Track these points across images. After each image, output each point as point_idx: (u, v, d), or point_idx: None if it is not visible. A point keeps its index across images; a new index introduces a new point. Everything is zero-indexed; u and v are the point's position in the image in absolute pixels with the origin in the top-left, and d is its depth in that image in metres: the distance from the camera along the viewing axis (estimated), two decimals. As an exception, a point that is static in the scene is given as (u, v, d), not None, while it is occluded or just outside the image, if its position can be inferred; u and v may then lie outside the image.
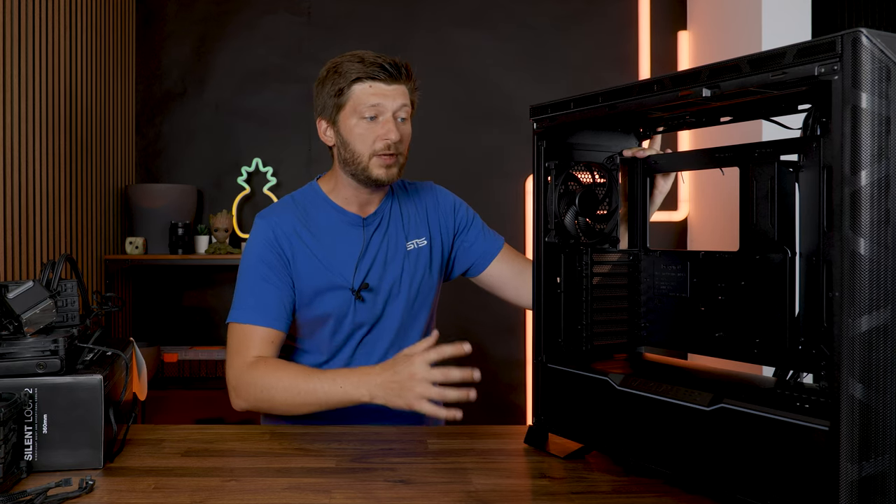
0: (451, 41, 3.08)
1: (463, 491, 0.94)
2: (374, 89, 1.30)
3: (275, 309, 1.31)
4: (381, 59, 1.31)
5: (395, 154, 1.32)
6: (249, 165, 2.99)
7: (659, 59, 3.11)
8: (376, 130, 1.31)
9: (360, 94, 1.31)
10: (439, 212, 1.48)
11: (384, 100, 1.30)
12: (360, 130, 1.31)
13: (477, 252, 1.50)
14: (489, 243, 1.50)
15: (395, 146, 1.31)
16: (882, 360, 0.70)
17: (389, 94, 1.31)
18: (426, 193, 1.50)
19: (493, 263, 1.49)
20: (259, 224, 1.37)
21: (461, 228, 1.50)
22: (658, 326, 1.13)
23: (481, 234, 1.51)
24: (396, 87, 1.31)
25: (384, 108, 1.31)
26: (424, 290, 1.44)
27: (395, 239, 1.42)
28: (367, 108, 1.30)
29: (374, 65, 1.30)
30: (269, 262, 1.33)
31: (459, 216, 1.50)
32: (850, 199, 0.70)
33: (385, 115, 1.31)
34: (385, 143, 1.30)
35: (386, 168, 1.32)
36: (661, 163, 1.16)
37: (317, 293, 1.36)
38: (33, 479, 0.95)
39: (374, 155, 1.31)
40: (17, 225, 2.03)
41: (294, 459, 1.07)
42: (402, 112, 1.33)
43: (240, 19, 3.05)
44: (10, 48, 1.98)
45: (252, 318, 1.30)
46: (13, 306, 1.00)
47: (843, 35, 0.70)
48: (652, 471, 0.96)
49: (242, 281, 1.35)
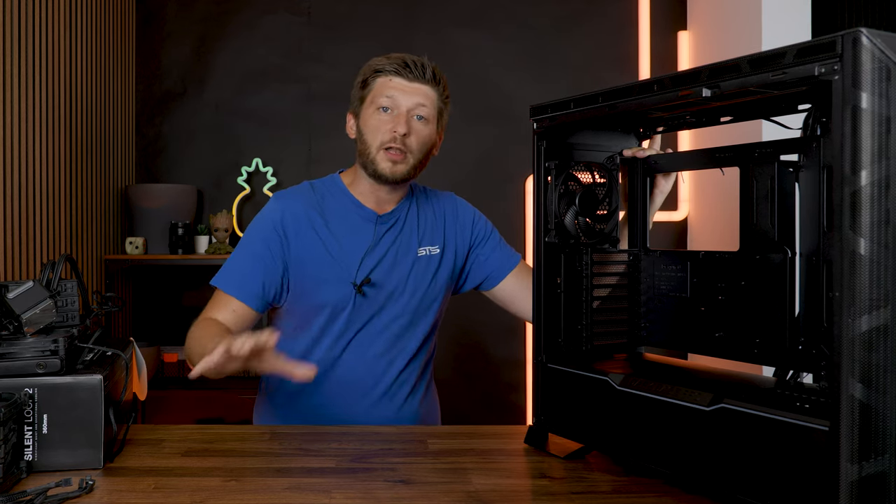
0: (452, 41, 3.08)
1: (463, 491, 0.94)
2: (392, 83, 1.33)
3: (255, 287, 1.34)
4: (408, 57, 1.34)
5: (404, 151, 1.32)
6: (249, 165, 2.99)
7: (659, 59, 3.11)
8: (388, 122, 1.32)
9: (379, 86, 1.34)
10: (457, 223, 1.48)
11: (400, 94, 1.32)
12: (373, 121, 1.34)
13: (492, 266, 1.49)
14: (505, 258, 1.49)
15: (403, 141, 1.31)
16: (882, 360, 0.70)
17: (408, 91, 1.33)
18: (446, 203, 1.50)
19: (506, 279, 1.48)
20: (272, 204, 1.39)
21: (477, 241, 1.49)
22: (658, 326, 1.13)
23: (498, 249, 1.50)
24: (418, 85, 1.33)
25: (399, 103, 1.32)
26: (428, 298, 1.42)
27: (408, 242, 1.41)
28: (384, 100, 1.33)
29: (398, 60, 1.33)
30: (268, 243, 1.35)
31: (477, 229, 1.49)
32: (850, 199, 0.70)
33: (399, 110, 1.32)
34: (392, 134, 1.31)
35: (392, 163, 1.33)
36: (661, 163, 1.16)
37: (318, 282, 1.35)
38: (33, 479, 0.95)
39: (382, 147, 1.32)
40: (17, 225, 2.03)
41: (294, 459, 1.07)
42: (419, 111, 1.33)
43: (240, 19, 3.05)
44: (10, 48, 1.98)
45: (231, 289, 1.34)
46: (13, 306, 1.00)
47: (843, 35, 0.70)
48: (652, 471, 0.96)
49: (238, 251, 1.38)
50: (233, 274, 1.35)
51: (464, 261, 1.49)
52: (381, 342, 1.40)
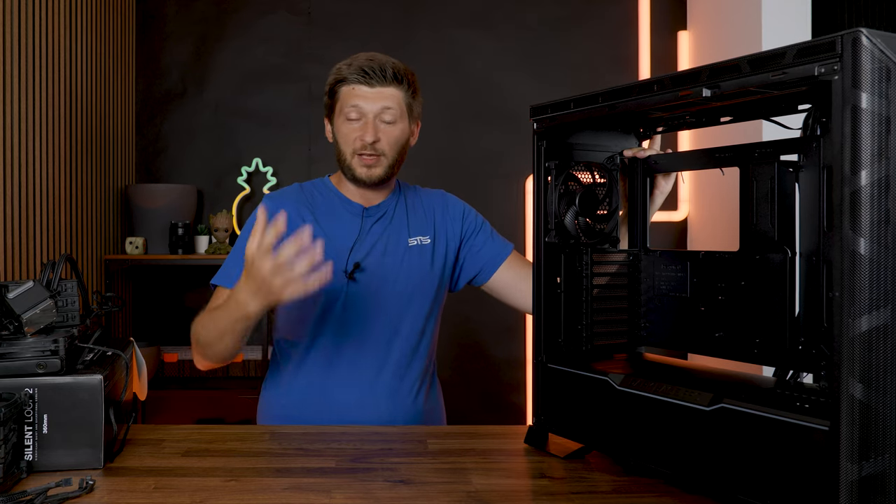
0: (452, 41, 3.08)
1: (463, 491, 0.94)
2: (356, 91, 1.36)
3: None
4: (372, 62, 1.35)
5: (377, 154, 1.36)
6: (249, 165, 2.99)
7: (659, 59, 3.11)
8: (356, 131, 1.36)
9: (344, 96, 1.37)
10: (447, 216, 1.50)
11: (364, 102, 1.35)
12: (344, 130, 1.38)
13: (485, 257, 1.49)
14: (497, 248, 1.50)
15: (373, 146, 1.35)
16: (882, 360, 0.70)
17: (370, 97, 1.35)
18: (436, 198, 1.52)
19: (500, 269, 1.49)
20: (264, 204, 1.41)
21: (468, 234, 1.50)
22: (658, 326, 1.13)
23: (490, 239, 1.51)
24: (380, 89, 1.35)
25: (364, 111, 1.36)
26: (424, 287, 1.43)
27: (398, 233, 1.44)
28: (349, 109, 1.36)
29: (357, 67, 1.35)
30: None
31: (468, 222, 1.51)
32: (850, 199, 0.70)
33: (366, 117, 1.35)
34: (361, 143, 1.35)
35: (367, 168, 1.37)
36: (661, 163, 1.16)
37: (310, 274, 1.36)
38: (33, 479, 0.95)
39: (355, 154, 1.37)
40: (17, 225, 2.03)
41: (294, 459, 1.07)
42: (385, 115, 1.36)
43: (240, 19, 3.05)
44: (10, 48, 1.98)
45: (228, 283, 1.37)
46: (13, 306, 1.00)
47: (843, 35, 0.70)
48: (652, 471, 0.96)
49: (234, 251, 1.40)
50: (231, 271, 1.38)
51: (456, 254, 1.50)
52: (378, 332, 1.40)
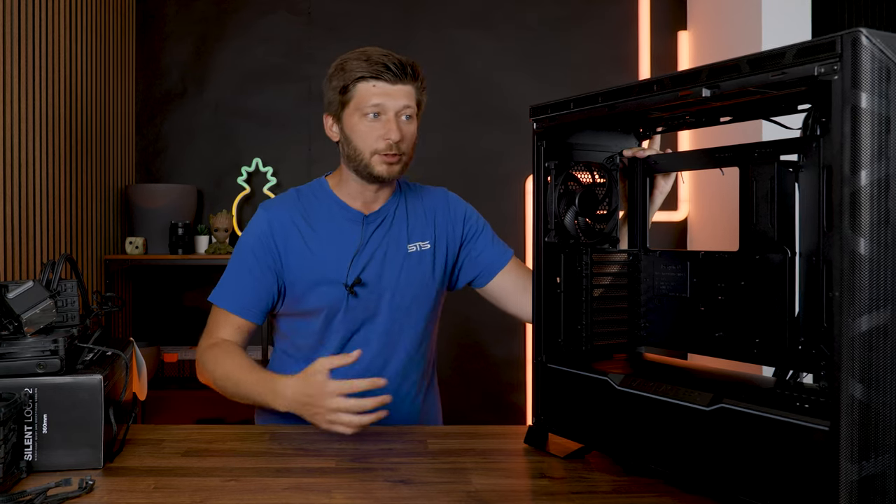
0: (452, 41, 3.08)
1: (463, 491, 0.94)
2: (377, 88, 1.31)
3: (250, 300, 1.37)
4: (387, 57, 1.31)
5: (398, 153, 1.32)
6: (249, 165, 2.99)
7: (659, 59, 3.10)
8: (378, 129, 1.31)
9: (363, 93, 1.31)
10: (448, 218, 1.47)
11: (387, 99, 1.31)
12: (362, 128, 1.32)
13: (484, 262, 1.48)
14: (497, 254, 1.48)
15: (397, 146, 1.31)
16: (882, 360, 0.70)
17: (393, 94, 1.31)
18: (437, 198, 1.49)
19: (499, 275, 1.47)
20: (260, 214, 1.40)
21: (469, 237, 1.48)
22: (658, 326, 1.13)
23: (490, 244, 1.49)
24: (401, 86, 1.31)
25: (387, 108, 1.31)
26: (423, 294, 1.42)
27: (397, 239, 1.41)
28: (370, 107, 1.31)
29: (379, 64, 1.30)
30: (258, 255, 1.37)
31: (469, 224, 1.48)
32: (849, 199, 0.70)
33: (387, 115, 1.31)
34: (386, 142, 1.31)
35: (388, 165, 1.33)
36: (661, 163, 1.16)
37: (309, 286, 1.36)
38: (33, 479, 0.95)
39: (376, 153, 1.32)
40: (17, 225, 2.03)
41: (294, 459, 1.07)
42: (406, 112, 1.32)
43: (240, 19, 3.05)
44: (10, 48, 1.98)
45: (228, 304, 1.37)
46: (13, 306, 1.00)
47: (843, 35, 0.70)
48: (652, 471, 0.96)
49: (231, 266, 1.40)
50: (229, 290, 1.38)
51: (455, 256, 1.48)
52: (376, 342, 1.39)
